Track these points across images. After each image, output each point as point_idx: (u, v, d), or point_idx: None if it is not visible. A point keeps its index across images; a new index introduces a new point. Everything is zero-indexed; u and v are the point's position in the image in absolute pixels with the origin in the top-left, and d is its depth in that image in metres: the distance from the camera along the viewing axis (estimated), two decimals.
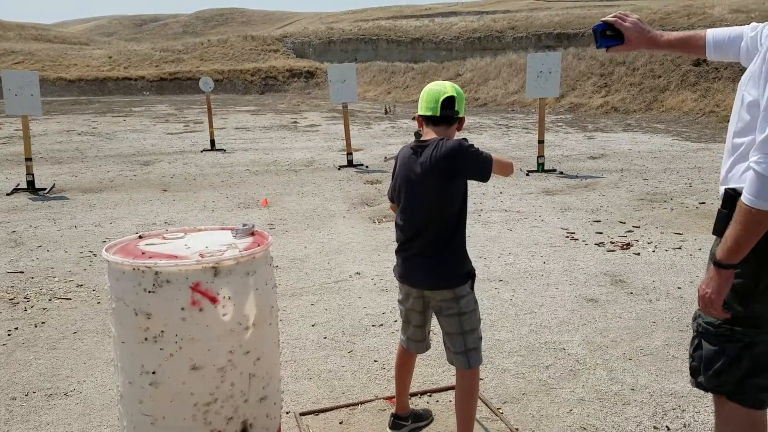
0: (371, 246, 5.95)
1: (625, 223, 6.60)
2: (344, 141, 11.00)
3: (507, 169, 2.56)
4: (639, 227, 6.42)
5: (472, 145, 2.47)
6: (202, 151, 12.51)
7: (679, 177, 9.06)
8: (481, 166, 2.46)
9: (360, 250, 5.81)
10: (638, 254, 5.52)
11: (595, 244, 5.87)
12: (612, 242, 5.90)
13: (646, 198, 7.76)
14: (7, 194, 8.57)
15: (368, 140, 14.01)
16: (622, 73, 20.35)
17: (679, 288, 4.69)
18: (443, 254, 2.51)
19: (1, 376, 3.50)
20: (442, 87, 2.54)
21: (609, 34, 2.16)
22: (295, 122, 18.50)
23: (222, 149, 12.69)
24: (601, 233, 6.23)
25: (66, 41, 53.71)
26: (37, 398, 3.28)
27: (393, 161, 2.74)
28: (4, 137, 15.15)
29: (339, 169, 10.32)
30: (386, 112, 21.36)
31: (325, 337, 3.96)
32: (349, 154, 10.63)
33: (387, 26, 39.84)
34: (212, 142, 12.85)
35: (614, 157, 10.97)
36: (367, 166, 10.43)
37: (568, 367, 3.50)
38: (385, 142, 13.64)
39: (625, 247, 5.75)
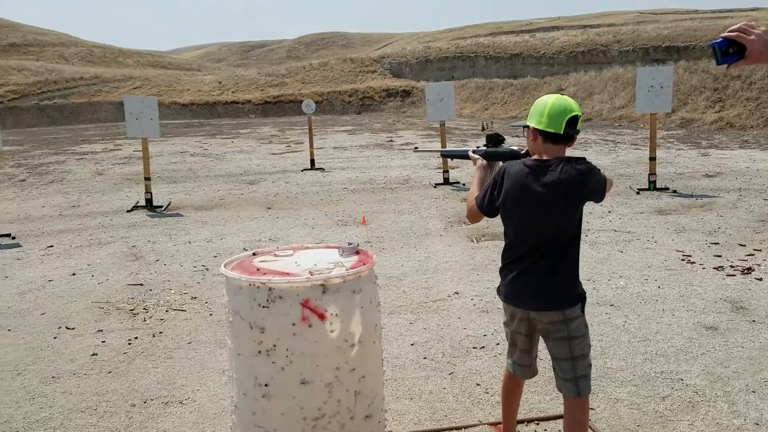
0: (470, 265, 5.87)
1: (745, 246, 6.15)
2: (440, 159, 10.98)
3: (610, 187, 2.56)
4: (761, 251, 5.96)
5: (598, 168, 2.44)
6: (302, 171, 12.90)
7: None
8: (602, 189, 2.46)
9: (458, 270, 5.75)
10: (760, 279, 5.12)
11: (714, 268, 5.50)
12: (732, 266, 5.51)
13: (767, 220, 7.21)
14: (128, 211, 9.19)
15: None
16: (737, 88, 19.13)
17: None
18: (553, 274, 2.43)
19: (122, 383, 3.73)
20: (567, 104, 2.44)
21: (732, 52, 2.00)
22: (391, 141, 18.72)
23: (321, 168, 13.04)
24: (719, 256, 5.83)
25: (179, 67, 57.41)
26: (154, 405, 3.45)
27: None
28: (123, 158, 16.33)
29: (435, 186, 10.31)
30: (483, 129, 21.19)
31: (424, 358, 3.93)
32: (446, 171, 10.60)
33: (485, 43, 39.65)
34: (312, 161, 13.23)
35: (731, 176, 10.28)
36: (464, 184, 10.35)
37: (686, 398, 3.28)
38: None
39: (746, 271, 5.35)
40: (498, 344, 4.03)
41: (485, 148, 2.91)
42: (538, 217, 2.43)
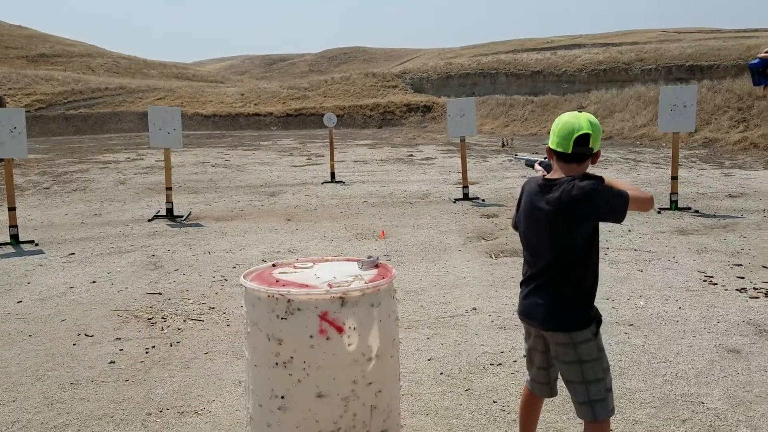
0: (488, 281, 5.84)
1: None
2: (460, 174, 10.97)
3: (646, 205, 2.41)
4: None
5: (607, 187, 2.33)
6: (322, 183, 12.96)
7: None
8: (615, 208, 2.32)
9: (476, 285, 5.72)
10: None
11: (737, 289, 5.41)
12: (755, 288, 5.41)
13: None
14: (148, 220, 9.28)
15: (484, 173, 13.91)
16: (762, 107, 18.86)
17: None
18: (558, 296, 2.39)
19: (138, 391, 3.75)
20: (576, 122, 2.38)
21: None
22: (411, 155, 18.75)
23: (341, 181, 13.08)
24: (742, 278, 5.73)
25: (203, 79, 58.16)
26: (170, 415, 3.47)
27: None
28: (145, 167, 16.53)
29: (454, 202, 10.29)
30: (503, 146, 21.14)
31: (441, 373, 3.91)
32: (465, 187, 10.59)
33: (506, 60, 39.74)
34: (332, 174, 13.29)
35: (755, 196, 10.13)
36: (483, 200, 10.33)
37: (707, 422, 3.22)
38: (502, 176, 13.47)
39: None
40: (515, 361, 4.00)
41: (547, 160, 2.88)
42: (542, 237, 2.42)
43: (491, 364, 4.00)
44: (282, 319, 2.19)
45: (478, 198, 10.47)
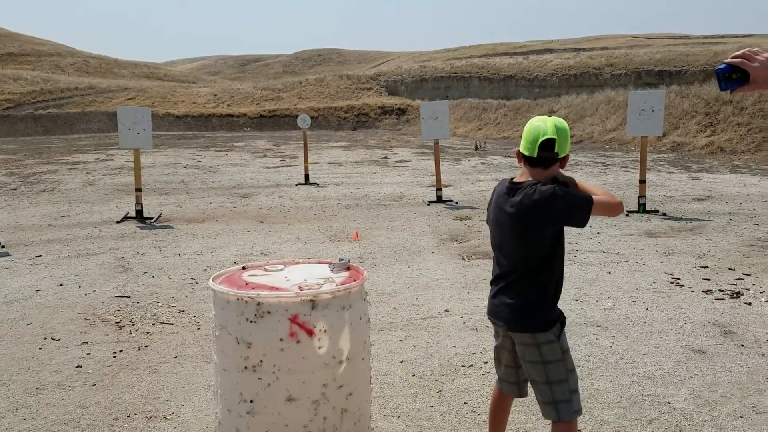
0: (460, 283, 5.87)
1: (734, 270, 6.18)
2: (434, 176, 11.02)
3: (614, 210, 2.40)
4: (750, 275, 5.99)
5: (568, 192, 2.36)
6: (296, 185, 12.90)
7: None
8: (576, 213, 2.34)
9: (449, 287, 5.75)
10: (749, 304, 5.14)
11: (703, 291, 5.53)
12: (720, 290, 5.53)
13: (757, 244, 7.25)
14: (117, 222, 9.13)
15: (458, 176, 13.99)
16: (729, 113, 19.32)
17: None
18: (522, 297, 2.42)
19: (105, 396, 3.68)
20: (543, 126, 2.40)
21: (735, 78, 2.01)
22: (386, 158, 18.77)
23: (315, 183, 13.04)
24: (708, 280, 5.86)
25: (175, 79, 57.49)
26: (138, 420, 3.41)
27: None
28: (115, 168, 16.28)
29: (428, 204, 10.33)
30: (477, 149, 21.29)
31: (413, 375, 3.92)
32: (439, 189, 10.64)
33: (480, 64, 40.05)
34: (306, 176, 13.24)
35: (721, 200, 10.36)
36: (456, 202, 10.38)
37: (673, 422, 3.27)
38: (475, 179, 13.57)
39: (734, 295, 5.37)
40: (486, 363, 4.02)
41: None
42: (508, 239, 2.45)
43: (462, 366, 4.02)
44: (251, 322, 2.17)
45: (451, 200, 10.52)
